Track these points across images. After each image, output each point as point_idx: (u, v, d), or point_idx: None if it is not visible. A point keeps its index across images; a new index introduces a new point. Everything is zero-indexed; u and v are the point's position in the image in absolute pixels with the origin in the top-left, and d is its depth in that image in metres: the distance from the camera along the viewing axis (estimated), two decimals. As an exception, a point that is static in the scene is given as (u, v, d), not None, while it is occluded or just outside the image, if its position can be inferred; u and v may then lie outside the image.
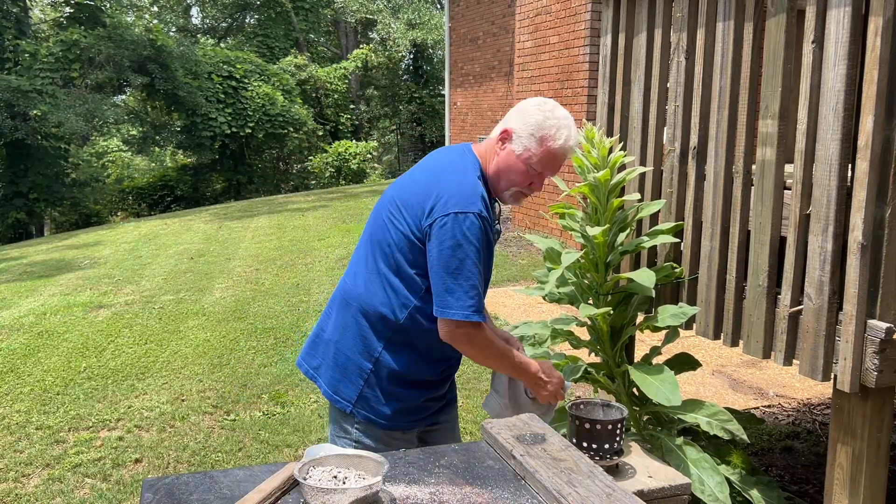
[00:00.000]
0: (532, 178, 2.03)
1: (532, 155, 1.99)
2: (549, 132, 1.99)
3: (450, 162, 2.06)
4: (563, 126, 2.01)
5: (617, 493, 1.50)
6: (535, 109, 2.02)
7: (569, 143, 2.01)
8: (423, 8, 26.72)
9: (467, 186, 1.97)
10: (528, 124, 2.00)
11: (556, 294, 2.76)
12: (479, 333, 1.99)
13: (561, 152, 2.01)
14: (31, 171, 18.83)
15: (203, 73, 20.06)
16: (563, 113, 2.04)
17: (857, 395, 2.13)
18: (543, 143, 1.99)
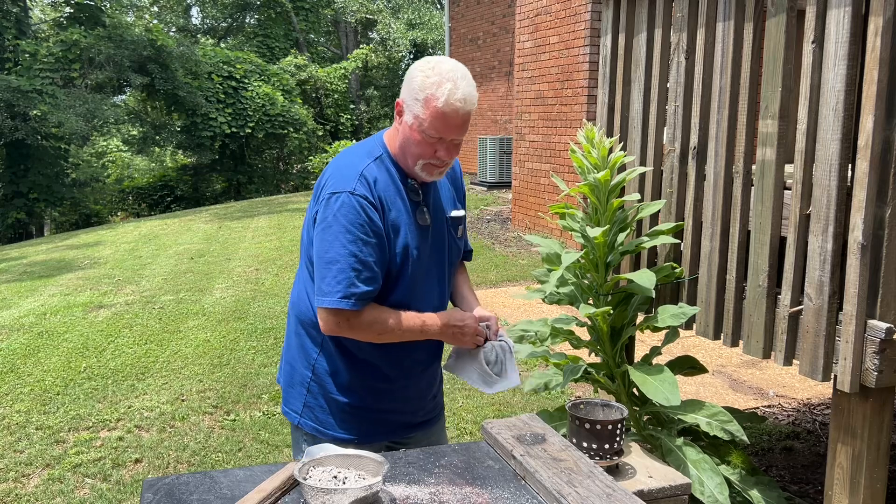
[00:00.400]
0: (435, 146, 1.87)
1: (422, 120, 1.83)
2: (430, 91, 1.82)
3: (347, 149, 2.03)
4: (446, 80, 1.82)
5: (617, 493, 1.50)
6: (417, 72, 1.86)
7: (454, 96, 1.81)
8: (423, 8, 26.73)
9: (347, 167, 1.91)
10: (412, 89, 1.85)
11: (555, 295, 2.76)
12: (356, 318, 1.86)
13: (449, 109, 1.81)
14: (31, 171, 18.83)
15: (203, 73, 20.06)
16: (448, 66, 1.85)
17: (857, 395, 2.13)
18: (428, 104, 1.82)
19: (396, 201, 1.93)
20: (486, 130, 14.82)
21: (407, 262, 1.94)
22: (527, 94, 9.59)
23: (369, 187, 1.87)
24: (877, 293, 2.07)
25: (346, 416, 2.00)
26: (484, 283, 7.37)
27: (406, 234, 1.93)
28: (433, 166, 1.91)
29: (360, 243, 1.84)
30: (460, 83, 1.82)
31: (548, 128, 9.15)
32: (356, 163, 1.92)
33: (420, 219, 1.96)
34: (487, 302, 6.65)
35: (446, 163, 1.92)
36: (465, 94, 1.83)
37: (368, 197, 1.86)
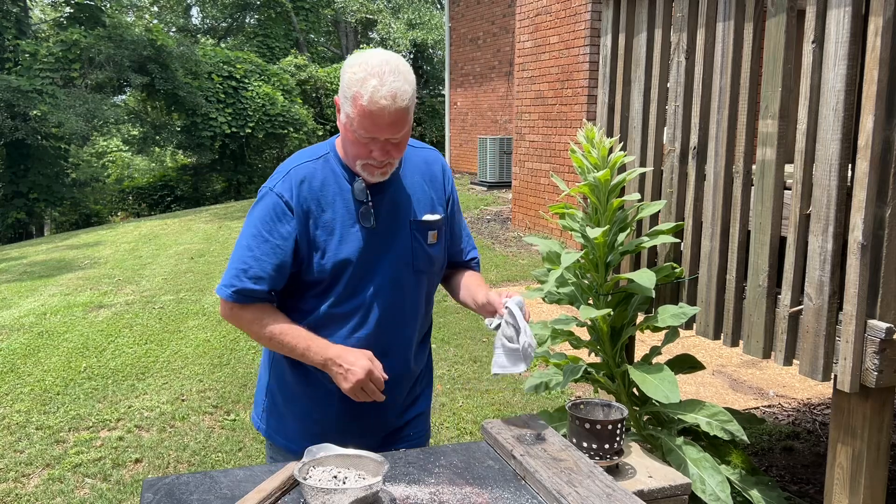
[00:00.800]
0: (369, 146, 1.75)
1: (352, 119, 1.72)
2: (356, 89, 1.69)
3: (299, 151, 1.98)
4: (371, 75, 1.67)
5: (617, 493, 1.50)
6: (346, 67, 1.74)
7: (377, 93, 1.66)
8: (423, 8, 26.72)
9: (283, 165, 1.89)
10: (342, 86, 1.73)
11: (555, 295, 2.76)
12: (237, 311, 1.83)
13: (374, 108, 1.67)
14: (31, 171, 18.83)
15: (203, 73, 20.06)
16: (378, 60, 1.70)
17: (857, 395, 2.13)
18: (355, 102, 1.69)
19: (336, 202, 1.84)
20: (486, 130, 14.82)
21: (344, 266, 1.84)
22: (527, 94, 9.59)
23: (291, 187, 1.81)
24: (877, 293, 2.07)
25: (302, 426, 1.94)
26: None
27: (342, 237, 1.84)
28: (372, 167, 1.79)
29: (258, 240, 1.81)
30: (387, 78, 1.67)
31: (548, 128, 9.15)
32: (291, 161, 1.88)
33: (364, 220, 1.85)
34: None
35: (386, 162, 1.79)
36: (393, 89, 1.67)
37: (284, 196, 1.81)
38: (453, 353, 5.36)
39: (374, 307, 1.88)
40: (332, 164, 1.87)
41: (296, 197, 1.81)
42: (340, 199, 1.85)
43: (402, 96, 1.69)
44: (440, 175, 2.02)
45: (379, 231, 1.88)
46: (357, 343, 1.87)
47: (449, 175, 2.06)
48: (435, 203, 1.97)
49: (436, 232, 1.95)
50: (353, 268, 1.85)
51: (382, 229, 1.88)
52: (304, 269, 1.85)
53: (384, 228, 1.88)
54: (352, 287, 1.86)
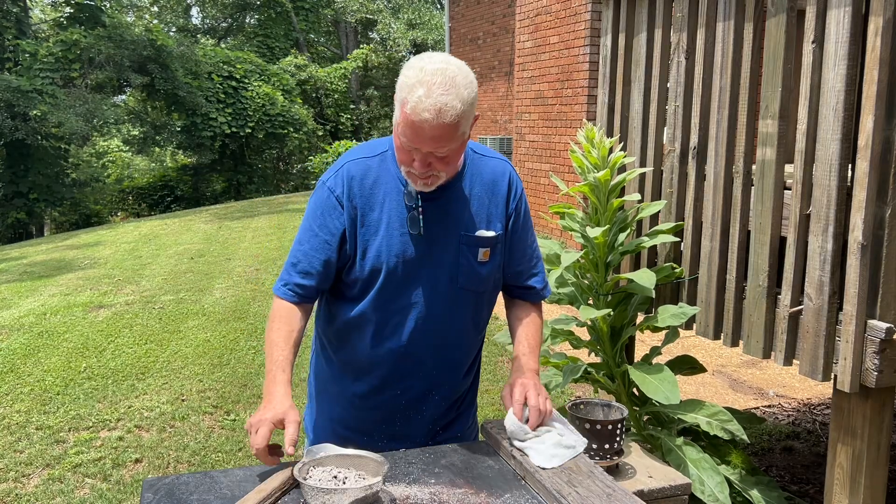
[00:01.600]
0: (412, 154, 1.65)
1: (398, 124, 1.63)
2: (404, 94, 1.59)
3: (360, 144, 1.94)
4: (420, 83, 1.56)
5: (617, 493, 1.50)
6: (405, 67, 1.64)
7: (421, 104, 1.55)
8: (423, 8, 26.73)
9: (341, 159, 1.83)
10: (397, 87, 1.63)
11: (555, 294, 2.76)
12: (272, 309, 1.80)
13: (416, 118, 1.57)
14: (31, 171, 18.82)
15: (203, 73, 20.06)
16: (434, 67, 1.58)
17: (857, 395, 2.13)
18: (402, 108, 1.60)
19: (386, 202, 1.76)
20: (486, 130, 14.82)
21: (379, 270, 1.77)
22: (527, 94, 9.59)
23: (343, 182, 1.76)
24: (877, 293, 2.07)
25: (321, 424, 1.94)
26: (484, 283, 7.36)
27: (385, 239, 1.76)
28: (414, 176, 1.69)
29: (308, 234, 1.78)
30: (435, 90, 1.55)
31: (548, 128, 9.15)
32: (349, 155, 1.83)
33: (412, 226, 1.77)
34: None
35: (430, 174, 1.68)
36: (439, 104, 1.55)
37: (335, 191, 1.76)
38: (453, 353, 5.35)
39: (409, 319, 1.80)
40: (389, 163, 1.79)
41: (346, 192, 1.76)
42: (391, 200, 1.77)
43: (449, 112, 1.56)
44: (505, 189, 1.87)
45: (425, 240, 1.78)
46: (386, 354, 1.81)
47: (518, 188, 1.90)
48: (493, 218, 1.84)
49: (488, 250, 1.82)
50: (390, 273, 1.77)
51: (429, 238, 1.78)
52: (346, 269, 1.79)
53: (431, 237, 1.78)
54: (387, 294, 1.78)
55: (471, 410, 2.03)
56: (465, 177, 1.82)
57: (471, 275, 1.82)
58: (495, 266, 1.86)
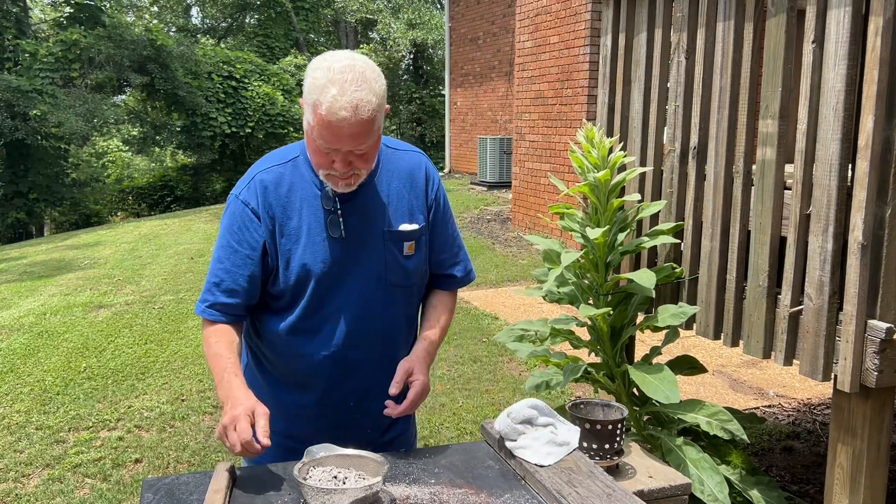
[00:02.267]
0: (330, 156, 1.62)
1: (312, 127, 1.60)
2: (315, 96, 1.56)
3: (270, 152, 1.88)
4: (332, 82, 1.54)
5: (617, 493, 1.50)
6: (310, 69, 1.60)
7: (337, 103, 1.53)
8: (423, 8, 26.72)
9: (251, 169, 1.79)
10: (305, 91, 1.61)
11: (555, 294, 2.76)
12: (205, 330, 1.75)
13: (333, 118, 1.54)
14: (31, 171, 18.82)
15: (203, 73, 20.05)
16: (342, 65, 1.57)
17: (858, 395, 2.13)
18: (315, 110, 1.57)
19: (304, 209, 1.74)
20: (486, 130, 14.82)
21: (307, 278, 1.74)
22: (527, 94, 9.59)
23: (257, 194, 1.72)
24: (877, 293, 2.07)
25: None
26: (484, 283, 7.37)
27: (308, 247, 1.74)
28: (335, 178, 1.67)
29: (228, 251, 1.73)
30: (348, 87, 1.54)
31: (548, 128, 9.15)
32: (259, 165, 1.79)
33: (333, 229, 1.74)
34: (487, 301, 6.66)
35: (350, 174, 1.66)
36: (354, 99, 1.54)
37: (250, 204, 1.72)
38: (453, 353, 5.35)
39: (342, 323, 1.78)
40: (302, 169, 1.76)
41: (261, 203, 1.72)
42: (308, 206, 1.74)
43: (365, 107, 1.56)
44: (423, 180, 1.88)
45: (348, 241, 1.76)
46: (324, 361, 1.78)
47: (435, 179, 1.91)
48: (415, 211, 1.84)
49: (413, 243, 1.82)
50: (318, 280, 1.74)
51: (352, 239, 1.76)
52: (271, 281, 1.76)
53: (354, 239, 1.76)
54: (317, 301, 1.75)
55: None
56: (380, 172, 1.81)
57: (398, 270, 1.81)
58: (421, 259, 1.86)
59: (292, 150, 1.81)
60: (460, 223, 10.47)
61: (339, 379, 1.82)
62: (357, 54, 1.63)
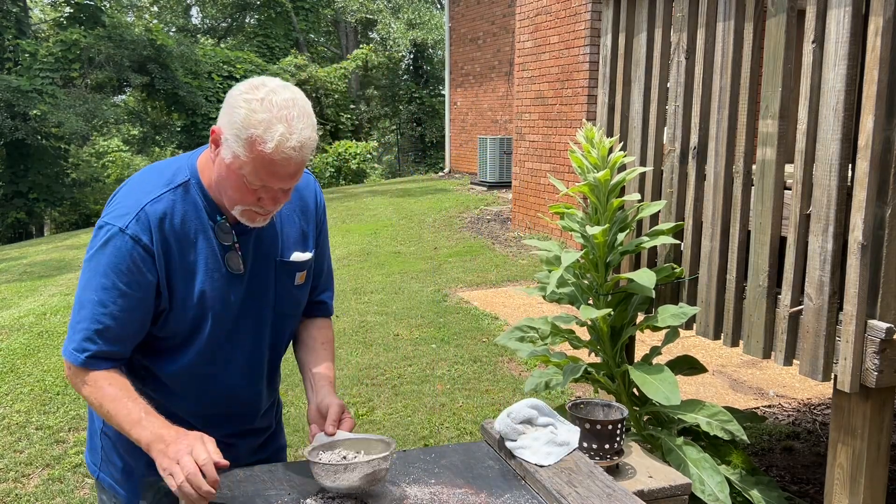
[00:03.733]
0: (258, 193, 1.51)
1: (243, 164, 1.46)
2: (256, 132, 1.44)
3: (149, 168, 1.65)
4: (278, 119, 1.44)
5: (617, 493, 1.50)
6: (241, 100, 1.46)
7: (286, 143, 1.44)
8: (423, 8, 26.74)
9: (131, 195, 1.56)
10: (234, 122, 1.46)
11: (555, 294, 2.76)
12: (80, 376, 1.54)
13: (279, 157, 1.44)
14: (31, 171, 18.84)
15: (203, 72, 20.08)
16: (282, 99, 1.46)
17: (858, 395, 2.13)
18: (252, 147, 1.44)
19: (199, 241, 1.58)
20: (486, 130, 14.82)
21: (204, 318, 1.61)
22: (527, 94, 9.59)
23: (151, 227, 1.53)
24: (877, 293, 2.07)
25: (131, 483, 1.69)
26: (484, 283, 7.37)
27: (205, 284, 1.59)
28: (255, 213, 1.55)
29: (113, 294, 1.51)
30: (296, 125, 1.45)
31: (548, 128, 9.16)
32: (145, 192, 1.56)
33: (232, 264, 1.61)
34: (487, 301, 6.66)
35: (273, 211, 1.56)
36: (302, 139, 1.46)
37: (142, 240, 1.52)
38: (453, 353, 5.35)
39: (239, 360, 1.68)
40: (194, 195, 1.58)
41: (157, 238, 1.53)
42: (203, 237, 1.58)
43: (310, 145, 1.48)
44: (313, 203, 1.78)
45: (247, 275, 1.64)
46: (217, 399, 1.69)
47: (321, 201, 1.81)
48: (308, 237, 1.75)
49: (305, 273, 1.73)
50: (216, 319, 1.61)
51: (248, 273, 1.64)
52: (160, 323, 1.60)
53: (251, 272, 1.65)
54: (216, 339, 1.63)
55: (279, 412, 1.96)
56: None
57: (290, 300, 1.73)
58: (309, 285, 1.78)
59: (179, 172, 1.60)
60: (460, 223, 10.48)
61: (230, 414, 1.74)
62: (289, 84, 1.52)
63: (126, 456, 1.71)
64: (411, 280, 7.58)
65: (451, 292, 7.04)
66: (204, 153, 1.62)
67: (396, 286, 7.34)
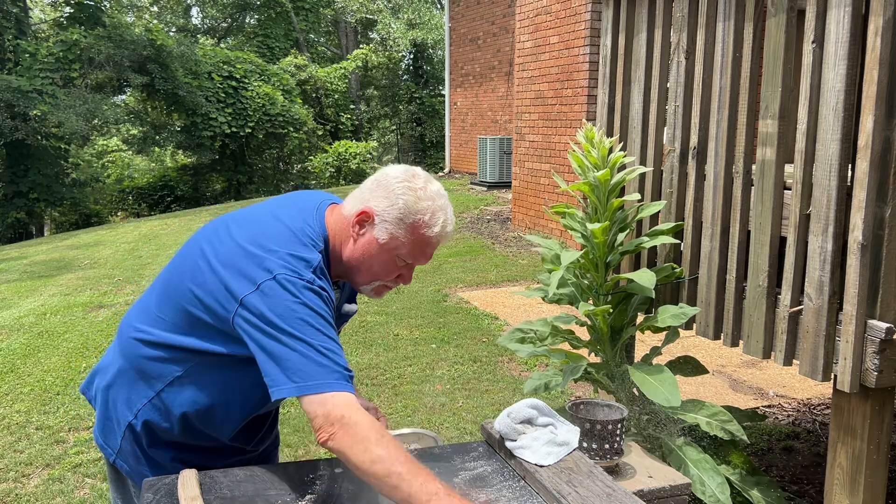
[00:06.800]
0: (401, 270, 1.66)
1: (401, 244, 1.61)
2: (422, 217, 1.59)
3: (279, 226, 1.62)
4: (440, 208, 1.61)
5: (617, 493, 1.50)
6: (401, 187, 1.59)
7: (447, 228, 1.62)
8: (423, 8, 26.74)
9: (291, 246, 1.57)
10: (396, 206, 1.58)
11: (555, 294, 2.76)
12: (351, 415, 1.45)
13: (437, 241, 1.63)
14: (31, 171, 18.83)
15: (203, 72, 20.06)
16: (436, 189, 1.63)
17: (857, 395, 2.13)
18: (415, 230, 1.59)
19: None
20: (486, 130, 14.82)
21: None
22: (527, 94, 9.59)
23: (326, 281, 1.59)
24: (877, 293, 2.07)
25: (159, 470, 1.71)
26: (484, 283, 7.37)
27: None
28: (386, 288, 1.69)
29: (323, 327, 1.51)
30: (449, 212, 1.64)
31: (548, 128, 9.16)
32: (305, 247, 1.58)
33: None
34: (487, 301, 6.66)
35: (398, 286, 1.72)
36: (452, 222, 1.66)
37: (327, 290, 1.57)
38: (453, 353, 5.35)
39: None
40: (324, 263, 1.63)
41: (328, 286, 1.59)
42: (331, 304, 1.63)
43: (453, 230, 1.68)
44: None
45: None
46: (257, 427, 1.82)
47: None
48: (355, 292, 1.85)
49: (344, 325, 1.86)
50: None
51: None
52: None
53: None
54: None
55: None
56: None
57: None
58: None
59: (315, 240, 1.62)
60: (460, 223, 10.47)
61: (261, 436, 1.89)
62: (429, 175, 1.67)
63: (153, 449, 1.74)
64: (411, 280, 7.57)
65: (451, 292, 7.04)
66: (333, 219, 1.67)
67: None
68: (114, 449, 1.76)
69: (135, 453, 1.74)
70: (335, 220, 1.67)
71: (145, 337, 1.69)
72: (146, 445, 1.73)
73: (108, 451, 1.78)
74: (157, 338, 1.67)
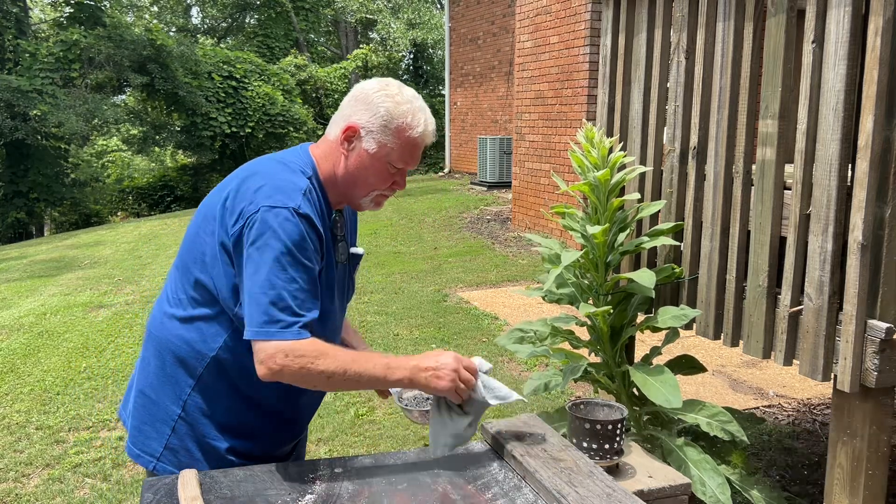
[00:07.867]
0: (395, 176, 1.73)
1: (390, 150, 1.68)
2: (405, 120, 1.67)
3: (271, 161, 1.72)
4: (419, 109, 1.70)
5: (617, 493, 1.50)
6: (379, 95, 1.68)
7: (429, 127, 1.71)
8: (423, 8, 26.73)
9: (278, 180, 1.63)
10: (378, 115, 1.66)
11: (555, 294, 2.76)
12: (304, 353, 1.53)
13: (422, 140, 1.71)
14: (31, 171, 18.83)
15: (203, 72, 20.06)
16: (411, 92, 1.73)
17: (857, 395, 2.13)
18: (400, 133, 1.67)
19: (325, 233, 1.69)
20: (486, 130, 14.82)
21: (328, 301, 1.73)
22: (527, 94, 9.59)
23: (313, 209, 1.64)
24: (877, 293, 2.07)
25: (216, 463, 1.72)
26: (484, 282, 7.37)
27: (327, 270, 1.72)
28: (383, 197, 1.76)
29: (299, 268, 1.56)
30: (428, 111, 1.73)
31: (548, 128, 9.16)
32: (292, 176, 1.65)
33: (341, 255, 1.77)
34: (487, 301, 6.66)
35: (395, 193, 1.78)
36: (433, 122, 1.74)
37: (312, 218, 1.61)
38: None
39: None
40: (316, 190, 1.69)
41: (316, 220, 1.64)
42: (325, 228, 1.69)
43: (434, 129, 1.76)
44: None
45: (342, 267, 1.79)
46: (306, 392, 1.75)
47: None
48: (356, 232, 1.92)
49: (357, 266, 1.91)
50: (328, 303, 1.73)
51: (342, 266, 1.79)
52: None
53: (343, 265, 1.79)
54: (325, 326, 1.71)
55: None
56: None
57: (351, 292, 1.89)
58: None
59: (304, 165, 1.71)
60: (460, 223, 10.48)
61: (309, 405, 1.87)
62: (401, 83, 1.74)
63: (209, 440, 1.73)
64: (411, 280, 7.58)
65: (451, 292, 7.04)
66: (317, 151, 1.75)
67: (396, 286, 7.34)
68: (154, 455, 1.74)
69: (186, 448, 1.73)
70: (321, 151, 1.74)
71: (177, 313, 1.80)
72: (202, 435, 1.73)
73: (145, 460, 1.75)
74: (186, 311, 1.76)
